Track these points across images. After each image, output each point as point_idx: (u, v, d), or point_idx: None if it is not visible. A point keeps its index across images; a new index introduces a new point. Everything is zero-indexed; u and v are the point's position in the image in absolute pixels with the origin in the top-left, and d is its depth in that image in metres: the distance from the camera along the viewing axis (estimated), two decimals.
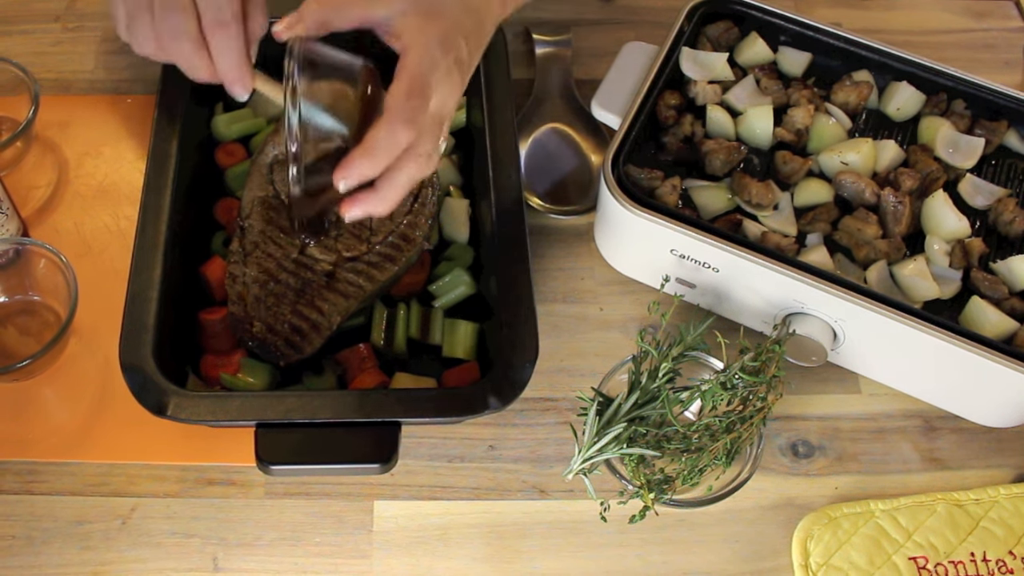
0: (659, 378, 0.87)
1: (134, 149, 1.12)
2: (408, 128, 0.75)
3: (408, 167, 0.77)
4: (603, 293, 1.06)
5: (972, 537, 0.92)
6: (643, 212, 0.95)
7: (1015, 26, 1.31)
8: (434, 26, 0.79)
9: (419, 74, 0.77)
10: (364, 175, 0.76)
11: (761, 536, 0.93)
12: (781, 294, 0.94)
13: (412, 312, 0.98)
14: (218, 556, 0.90)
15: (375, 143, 0.75)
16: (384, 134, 0.75)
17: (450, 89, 0.79)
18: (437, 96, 0.78)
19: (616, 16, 1.28)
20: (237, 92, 0.82)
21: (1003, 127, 1.06)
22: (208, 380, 0.94)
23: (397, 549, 0.91)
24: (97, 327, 0.99)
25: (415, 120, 0.76)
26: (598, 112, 1.05)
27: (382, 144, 0.75)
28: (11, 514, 0.91)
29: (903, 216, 0.97)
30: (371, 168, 0.76)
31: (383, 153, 0.76)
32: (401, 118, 0.75)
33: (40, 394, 0.97)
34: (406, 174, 0.77)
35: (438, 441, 0.96)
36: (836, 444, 0.98)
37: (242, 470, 0.94)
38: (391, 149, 0.76)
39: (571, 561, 0.91)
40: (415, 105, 0.76)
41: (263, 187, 0.99)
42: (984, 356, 0.88)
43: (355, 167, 0.75)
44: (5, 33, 1.22)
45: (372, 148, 0.75)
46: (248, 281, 0.95)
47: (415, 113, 0.76)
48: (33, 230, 1.06)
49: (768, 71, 1.08)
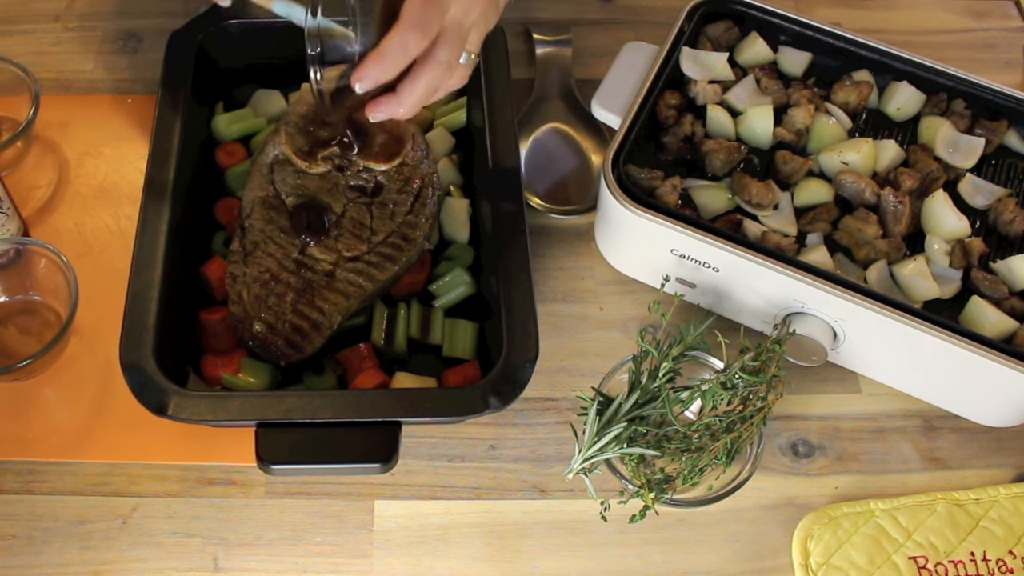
0: (659, 378, 0.87)
1: (134, 149, 1.12)
2: (418, 34, 0.78)
3: (426, 73, 0.80)
4: (603, 293, 1.06)
5: (972, 537, 0.92)
6: (643, 212, 0.95)
7: (1015, 26, 1.32)
8: None
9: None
10: (378, 79, 0.79)
11: (761, 536, 0.93)
12: (781, 294, 0.94)
13: (412, 312, 0.99)
14: (219, 556, 0.90)
15: (386, 48, 0.78)
16: (395, 40, 0.78)
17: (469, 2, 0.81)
18: (457, 5, 0.80)
19: (616, 16, 1.28)
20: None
21: (1003, 127, 1.06)
22: (208, 380, 0.94)
23: (398, 548, 0.91)
24: (98, 327, 0.99)
25: (427, 26, 0.78)
26: (598, 112, 1.05)
27: (393, 49, 0.78)
28: (12, 514, 0.91)
29: (903, 216, 0.97)
30: (383, 72, 0.79)
31: (394, 58, 0.78)
32: (412, 24, 0.78)
33: (41, 394, 0.97)
34: (424, 80, 0.80)
35: (438, 441, 0.96)
36: (836, 444, 0.98)
37: (243, 470, 0.94)
38: (402, 54, 0.78)
39: (571, 561, 0.91)
40: (428, 12, 0.78)
41: (263, 187, 0.99)
42: (984, 356, 0.88)
43: (368, 70, 0.79)
44: (6, 33, 1.22)
45: (383, 52, 0.78)
46: (249, 281, 0.95)
47: (428, 20, 0.78)
48: (34, 230, 1.06)
49: (768, 71, 1.08)
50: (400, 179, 0.99)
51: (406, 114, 0.82)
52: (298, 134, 0.99)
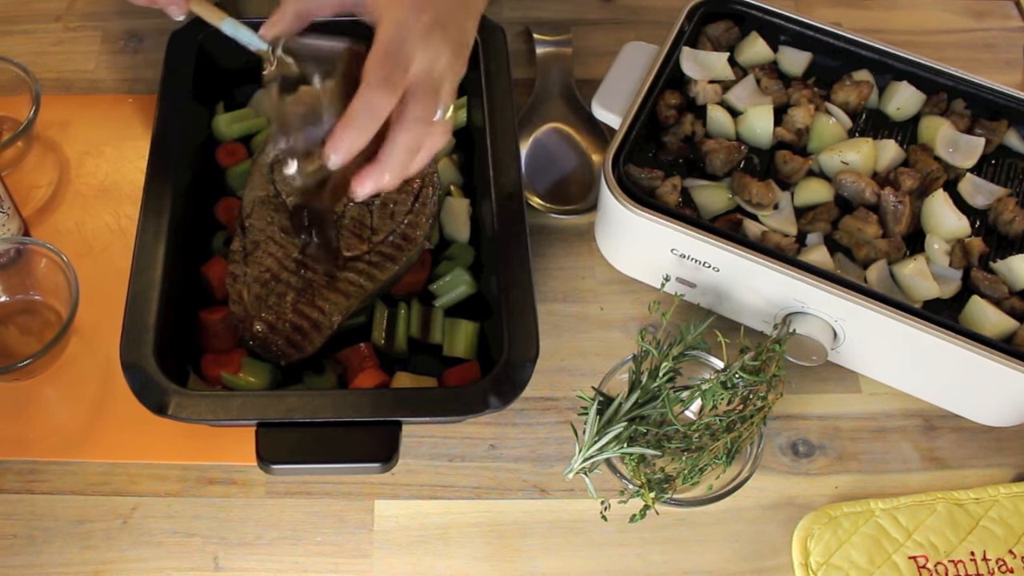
0: (659, 377, 0.87)
1: (135, 148, 1.12)
2: (383, 91, 0.75)
3: (403, 136, 0.77)
4: (604, 292, 1.06)
5: (972, 536, 0.92)
6: (643, 212, 0.95)
7: (1015, 26, 1.32)
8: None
9: (391, 39, 0.77)
10: (351, 146, 0.76)
11: (761, 535, 0.93)
12: (781, 293, 0.94)
13: (413, 311, 0.99)
14: (219, 555, 0.90)
15: (353, 111, 0.76)
16: (360, 101, 0.75)
17: (434, 51, 0.79)
18: (420, 59, 0.78)
19: (616, 16, 1.29)
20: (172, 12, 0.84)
21: (1003, 127, 1.06)
22: (209, 379, 0.94)
23: (398, 548, 0.91)
24: (98, 326, 0.99)
25: (390, 83, 0.76)
26: (598, 112, 1.05)
27: (359, 111, 0.76)
28: (12, 513, 0.91)
29: (903, 216, 0.97)
30: (355, 136, 0.76)
31: (363, 121, 0.76)
32: (375, 82, 0.75)
33: (41, 393, 0.97)
34: (402, 143, 0.78)
35: (439, 440, 0.96)
36: (836, 443, 0.98)
37: (243, 469, 0.94)
38: (370, 116, 0.76)
39: (572, 560, 0.91)
40: (389, 69, 0.76)
41: (264, 187, 0.99)
42: (984, 355, 0.88)
43: (339, 138, 0.76)
44: (6, 33, 1.22)
45: (351, 117, 0.76)
46: (249, 280, 0.95)
47: (390, 76, 0.76)
48: (34, 229, 1.06)
49: (768, 71, 1.08)
50: None
51: (392, 182, 0.79)
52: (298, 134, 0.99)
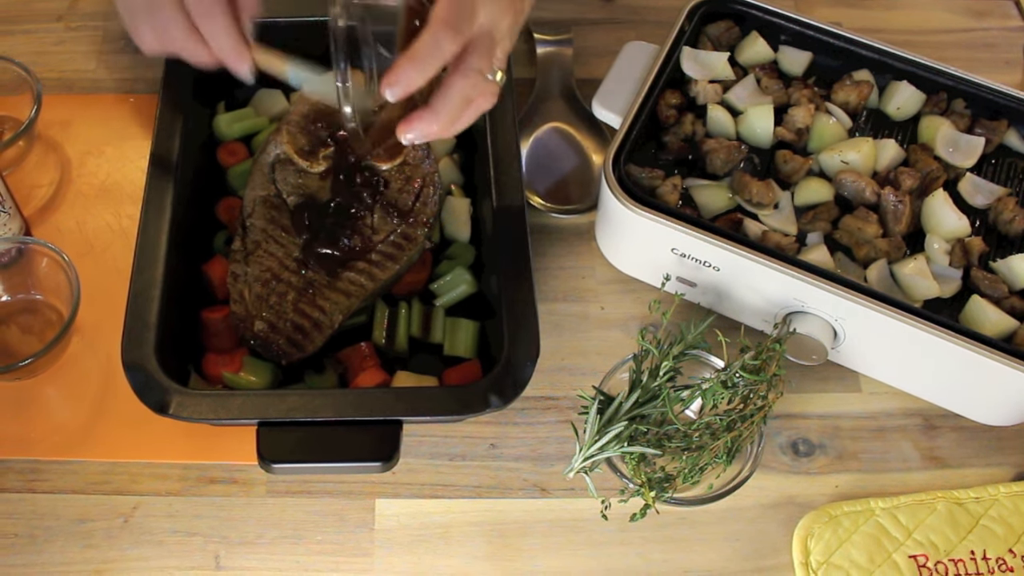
0: (660, 376, 0.87)
1: (136, 148, 1.12)
2: (451, 33, 0.74)
3: (460, 82, 0.77)
4: (604, 292, 1.06)
5: (972, 535, 0.92)
6: (644, 211, 0.95)
7: (1015, 25, 1.32)
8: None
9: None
10: (411, 82, 0.75)
11: (762, 534, 0.93)
12: (781, 293, 0.95)
13: (414, 311, 0.99)
14: (220, 554, 0.90)
15: (418, 48, 0.74)
16: (427, 39, 0.74)
17: (499, 10, 0.78)
18: (485, 12, 0.77)
19: (617, 16, 1.29)
20: (240, 72, 0.83)
21: (1003, 126, 1.06)
22: (210, 379, 0.94)
23: (399, 547, 0.91)
24: (99, 326, 0.99)
25: (458, 28, 0.75)
26: (599, 111, 1.05)
27: (426, 49, 0.74)
28: (13, 512, 0.91)
29: (903, 215, 0.97)
30: (417, 73, 0.74)
31: (427, 58, 0.74)
32: (444, 24, 0.74)
33: (42, 393, 0.97)
34: (458, 89, 0.77)
35: (439, 439, 0.96)
36: (836, 442, 0.98)
37: (244, 468, 0.94)
38: (436, 55, 0.74)
39: (572, 559, 0.91)
40: (459, 13, 0.75)
41: (265, 186, 0.99)
42: (984, 355, 0.88)
43: (401, 73, 0.74)
44: (8, 33, 1.22)
45: (415, 53, 0.74)
46: (250, 280, 0.95)
47: (459, 21, 0.75)
48: (35, 229, 1.06)
49: (769, 70, 1.08)
50: (401, 178, 0.99)
51: (440, 131, 0.78)
52: (299, 133, 1.00)
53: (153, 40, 0.83)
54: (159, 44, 0.83)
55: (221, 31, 0.80)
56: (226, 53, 0.82)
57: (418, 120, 0.77)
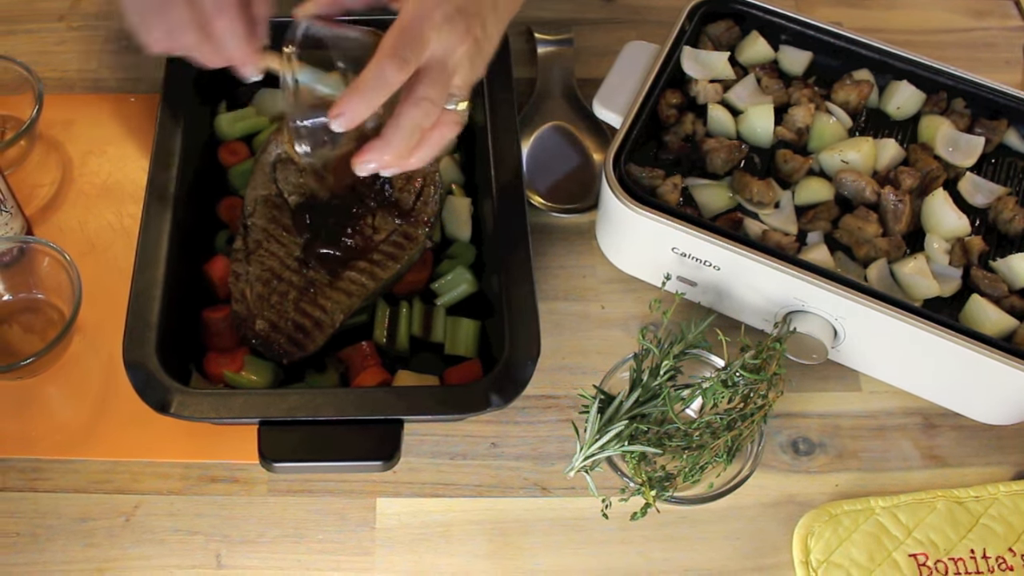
0: (660, 376, 0.88)
1: (138, 148, 1.12)
2: (397, 62, 0.75)
3: (411, 111, 0.77)
4: (605, 291, 1.06)
5: (972, 534, 0.92)
6: (644, 210, 0.95)
7: (1015, 25, 1.32)
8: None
9: (411, 18, 0.77)
10: (356, 112, 0.76)
11: (762, 533, 0.93)
12: (782, 292, 0.95)
13: (414, 310, 0.99)
14: (221, 553, 0.90)
15: (363, 79, 0.75)
16: (372, 69, 0.75)
17: (454, 38, 0.79)
18: (436, 42, 0.77)
19: (618, 15, 1.29)
20: (247, 73, 0.83)
21: (1003, 126, 1.06)
22: (211, 378, 0.94)
23: (400, 546, 0.91)
24: (101, 325, 0.99)
25: (404, 56, 0.75)
26: (600, 111, 1.05)
27: (371, 79, 0.75)
28: (15, 511, 0.91)
29: (903, 214, 0.97)
30: (362, 104, 0.75)
31: (372, 89, 0.75)
32: (388, 53, 0.75)
33: (44, 392, 0.97)
34: (408, 118, 0.77)
35: (440, 438, 0.97)
36: (836, 441, 0.98)
37: (245, 467, 0.94)
38: (380, 85, 0.75)
39: (573, 558, 0.91)
40: (405, 44, 0.76)
41: (266, 186, 0.99)
42: (984, 354, 0.88)
43: (345, 104, 0.75)
44: (9, 32, 1.22)
45: (360, 84, 0.75)
46: (251, 279, 0.95)
47: (404, 51, 0.76)
48: (37, 228, 1.06)
49: (769, 70, 1.09)
50: (402, 178, 0.99)
51: (394, 161, 0.79)
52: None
53: (162, 40, 0.83)
54: (168, 44, 0.83)
55: (233, 35, 0.80)
56: (236, 57, 0.82)
57: (370, 151, 0.78)
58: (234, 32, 0.80)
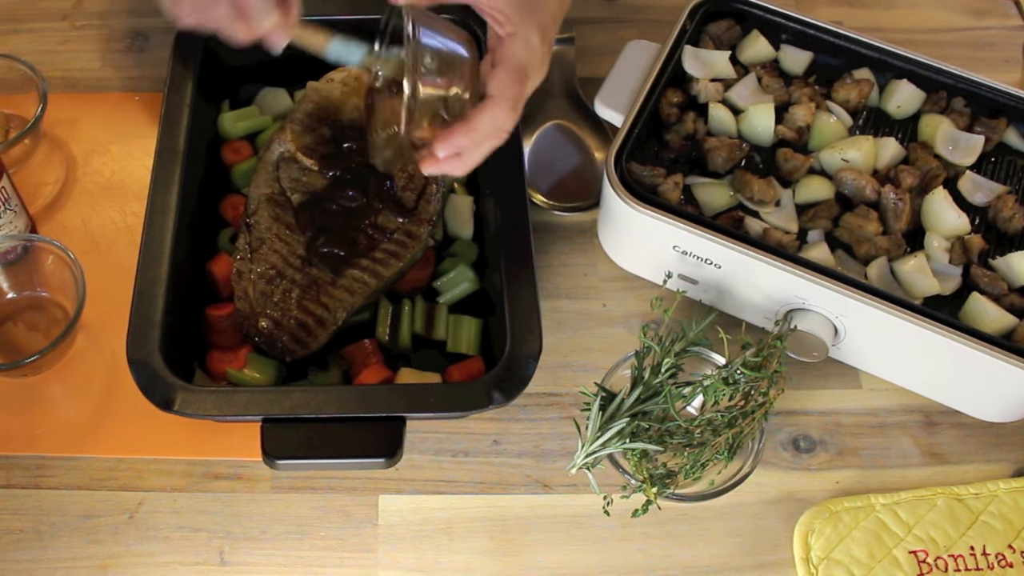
0: (661, 373, 0.88)
1: (141, 146, 1.12)
2: (511, 114, 0.80)
3: (492, 141, 0.81)
4: (606, 289, 1.06)
5: (972, 531, 0.92)
6: (646, 209, 0.95)
7: (1014, 24, 1.32)
8: (535, 15, 0.83)
9: (522, 63, 0.81)
10: (462, 148, 0.80)
11: (762, 530, 0.93)
12: (782, 290, 0.95)
13: (417, 308, 0.99)
14: (224, 550, 0.90)
15: (479, 124, 0.79)
16: (489, 118, 0.79)
17: (540, 75, 0.84)
18: (532, 81, 0.83)
19: (619, 15, 1.29)
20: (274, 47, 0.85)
21: (1002, 125, 1.06)
22: (214, 375, 0.95)
23: (402, 543, 0.91)
24: (104, 323, 0.99)
25: (517, 108, 0.80)
26: (601, 110, 1.06)
27: (486, 126, 0.79)
28: (20, 508, 0.91)
29: (903, 213, 0.98)
30: (471, 144, 0.80)
31: (486, 135, 0.80)
32: (507, 106, 0.80)
33: (48, 389, 0.98)
34: (489, 146, 0.82)
35: (442, 436, 0.97)
36: (837, 439, 0.98)
37: (248, 464, 0.94)
38: (493, 132, 0.80)
39: (574, 555, 0.91)
40: (517, 93, 0.80)
41: (269, 184, 0.99)
42: (984, 351, 0.89)
43: (456, 141, 0.79)
44: (13, 31, 1.22)
45: (476, 128, 0.79)
46: (254, 277, 0.95)
47: (517, 101, 0.80)
48: (41, 227, 1.07)
49: (770, 69, 1.09)
50: (404, 176, 0.99)
51: (461, 174, 0.83)
52: (303, 131, 1.00)
53: (191, 14, 0.85)
54: (197, 19, 0.85)
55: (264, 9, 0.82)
56: (266, 30, 0.83)
57: (447, 163, 0.81)
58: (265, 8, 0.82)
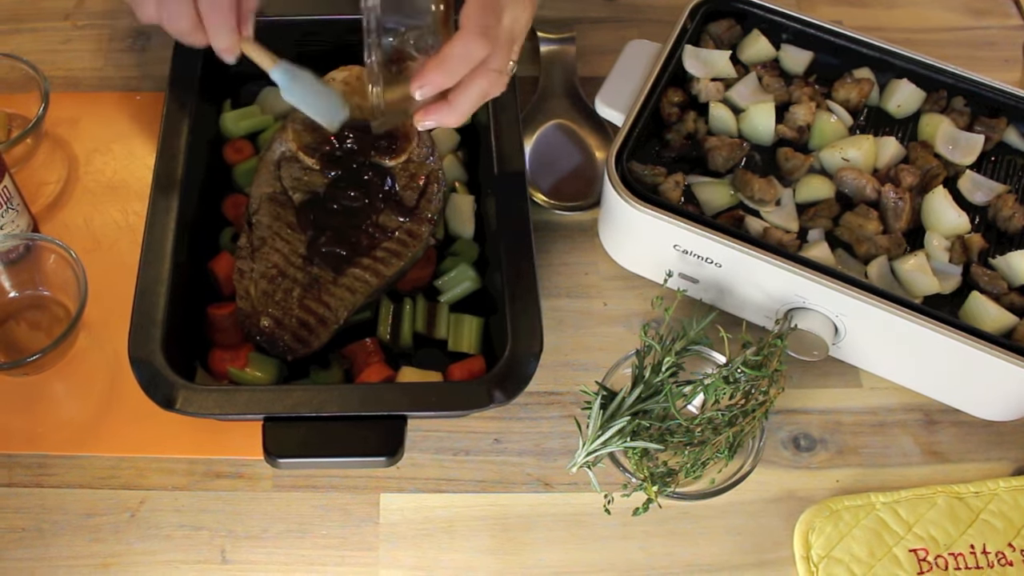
0: (662, 372, 0.88)
1: (143, 146, 1.13)
2: (483, 41, 0.78)
3: (480, 81, 0.81)
4: (607, 288, 1.06)
5: (972, 529, 0.92)
6: (646, 208, 0.96)
7: (1014, 24, 1.32)
8: None
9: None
10: (439, 85, 0.79)
11: (763, 528, 0.93)
12: (783, 289, 0.95)
13: (418, 307, 0.99)
14: (226, 548, 0.90)
15: (450, 55, 0.78)
16: (460, 47, 0.78)
17: (521, 7, 0.82)
18: (509, 13, 0.81)
19: (620, 14, 1.29)
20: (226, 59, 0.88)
21: (1002, 124, 1.06)
22: (216, 374, 0.95)
23: (403, 541, 0.91)
24: (106, 322, 0.99)
25: (488, 34, 0.79)
26: (602, 109, 1.06)
27: (457, 56, 0.78)
28: (22, 507, 0.92)
29: (903, 212, 0.98)
30: (446, 79, 0.79)
31: (458, 65, 0.79)
32: (476, 32, 0.78)
33: (50, 388, 0.98)
34: (478, 87, 0.81)
35: (444, 434, 0.97)
36: (837, 437, 0.99)
37: (250, 463, 0.94)
38: (466, 61, 0.79)
39: (575, 553, 0.92)
40: (489, 20, 0.79)
41: (271, 183, 0.99)
42: (984, 350, 0.89)
43: (431, 77, 0.79)
44: (15, 31, 1.22)
45: (447, 60, 0.78)
46: (256, 276, 0.95)
47: (489, 28, 0.79)
48: (43, 226, 1.07)
49: (770, 69, 1.09)
50: (406, 175, 0.99)
51: (455, 122, 0.83)
52: (305, 131, 1.00)
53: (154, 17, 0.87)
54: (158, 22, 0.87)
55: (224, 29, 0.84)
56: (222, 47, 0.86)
57: (436, 112, 0.81)
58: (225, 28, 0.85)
